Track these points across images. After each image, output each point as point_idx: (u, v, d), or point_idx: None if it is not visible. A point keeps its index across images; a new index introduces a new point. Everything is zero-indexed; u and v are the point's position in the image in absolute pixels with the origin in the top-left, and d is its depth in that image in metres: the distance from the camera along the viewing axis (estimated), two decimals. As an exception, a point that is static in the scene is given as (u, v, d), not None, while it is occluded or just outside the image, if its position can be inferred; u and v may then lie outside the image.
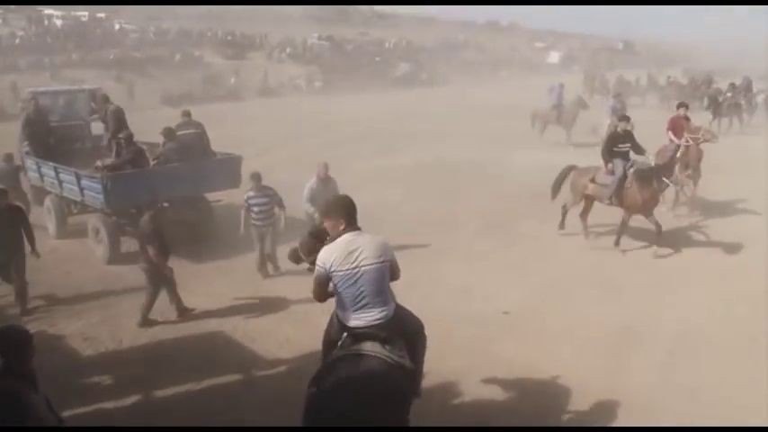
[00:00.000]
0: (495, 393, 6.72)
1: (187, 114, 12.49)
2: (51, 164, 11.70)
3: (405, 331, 4.83)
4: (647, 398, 6.60)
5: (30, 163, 12.55)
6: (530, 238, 11.81)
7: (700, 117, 23.95)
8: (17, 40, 40.82)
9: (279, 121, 26.72)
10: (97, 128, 14.89)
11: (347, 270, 4.58)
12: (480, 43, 67.54)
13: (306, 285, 5.35)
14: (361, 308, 4.63)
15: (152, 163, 11.39)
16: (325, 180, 10.28)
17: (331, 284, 4.68)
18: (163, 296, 9.39)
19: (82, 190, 10.85)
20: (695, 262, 10.55)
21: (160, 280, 8.67)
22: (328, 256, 4.62)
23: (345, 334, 4.74)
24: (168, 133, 11.51)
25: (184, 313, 8.76)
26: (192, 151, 11.46)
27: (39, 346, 4.58)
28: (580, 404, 6.50)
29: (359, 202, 4.93)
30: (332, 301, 4.86)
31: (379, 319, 4.65)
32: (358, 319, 4.66)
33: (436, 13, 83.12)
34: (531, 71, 58.19)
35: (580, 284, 9.55)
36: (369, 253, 4.62)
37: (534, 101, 23.35)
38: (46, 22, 47.44)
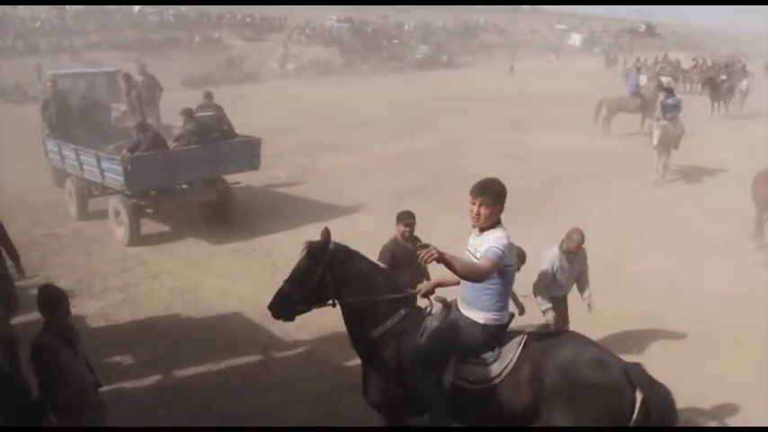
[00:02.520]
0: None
1: (209, 96, 12.49)
2: (72, 146, 11.78)
3: None
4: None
5: (51, 145, 12.65)
6: (547, 221, 11.73)
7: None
8: (38, 23, 41.05)
9: (298, 104, 26.71)
10: (116, 109, 15.11)
11: (513, 266, 4.32)
12: (501, 25, 66.94)
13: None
14: (505, 305, 4.41)
15: (171, 145, 11.45)
16: (576, 255, 6.73)
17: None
18: (178, 272, 9.52)
19: (102, 172, 10.91)
20: (714, 250, 10.43)
21: None
22: (509, 250, 4.20)
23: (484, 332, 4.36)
24: (188, 114, 11.55)
25: None
26: (211, 133, 11.49)
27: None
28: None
29: (379, 186, 4.86)
30: None
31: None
32: (508, 313, 4.42)
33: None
34: (552, 53, 57.77)
35: (597, 270, 9.41)
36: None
37: (555, 86, 23.13)
38: (67, 7, 47.50)
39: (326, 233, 4.73)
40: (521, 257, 5.62)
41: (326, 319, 7.72)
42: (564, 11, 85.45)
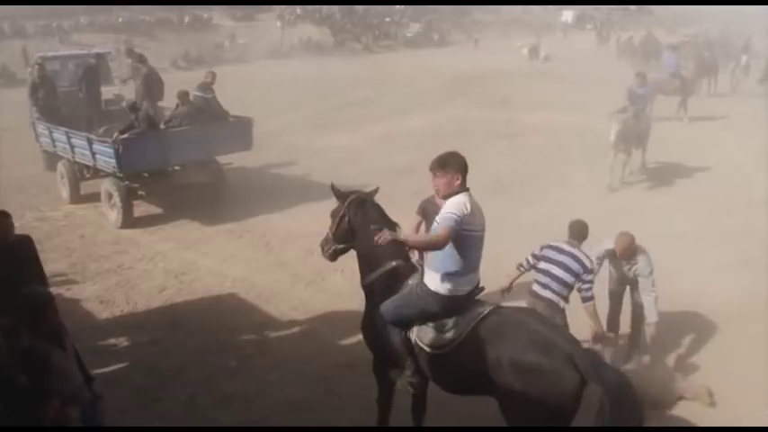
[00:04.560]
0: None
1: (209, 75, 12.26)
2: (63, 129, 11.70)
3: None
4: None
5: (41, 128, 12.56)
6: (540, 199, 11.74)
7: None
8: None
9: (289, 84, 26.54)
10: (107, 92, 14.94)
11: (477, 232, 4.33)
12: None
13: (316, 245, 5.40)
14: (472, 271, 4.43)
15: (163, 127, 11.37)
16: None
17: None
18: (172, 254, 9.52)
19: (94, 154, 10.84)
20: (703, 226, 10.36)
21: None
22: (466, 210, 4.19)
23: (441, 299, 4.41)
24: (182, 97, 11.46)
25: None
26: (203, 114, 11.42)
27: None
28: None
29: (372, 165, 4.89)
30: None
31: (478, 283, 4.56)
32: (468, 283, 4.44)
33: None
34: (544, 30, 57.50)
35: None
36: (483, 217, 4.41)
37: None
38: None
39: (375, 190, 5.24)
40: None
41: (321, 299, 7.80)
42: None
